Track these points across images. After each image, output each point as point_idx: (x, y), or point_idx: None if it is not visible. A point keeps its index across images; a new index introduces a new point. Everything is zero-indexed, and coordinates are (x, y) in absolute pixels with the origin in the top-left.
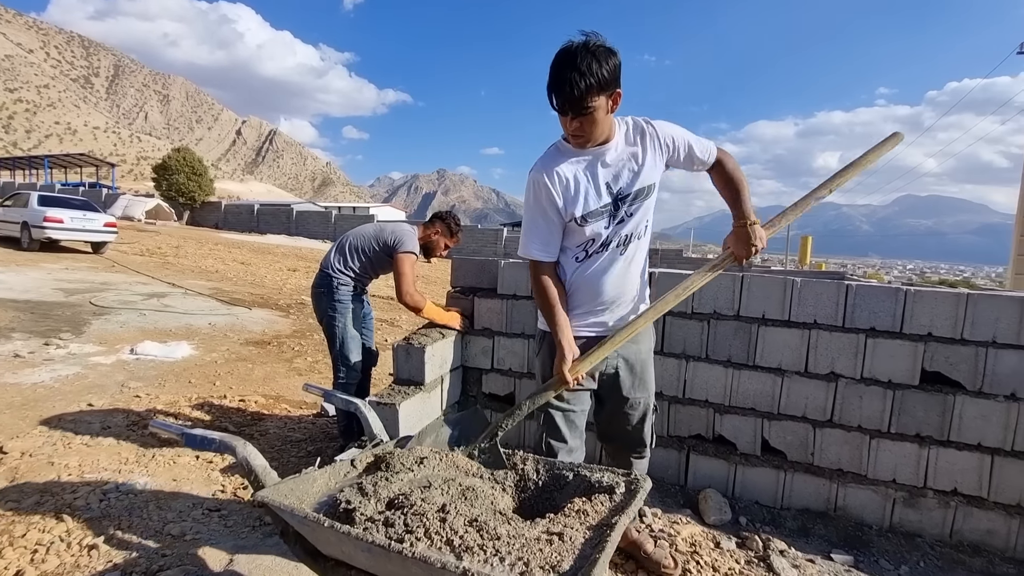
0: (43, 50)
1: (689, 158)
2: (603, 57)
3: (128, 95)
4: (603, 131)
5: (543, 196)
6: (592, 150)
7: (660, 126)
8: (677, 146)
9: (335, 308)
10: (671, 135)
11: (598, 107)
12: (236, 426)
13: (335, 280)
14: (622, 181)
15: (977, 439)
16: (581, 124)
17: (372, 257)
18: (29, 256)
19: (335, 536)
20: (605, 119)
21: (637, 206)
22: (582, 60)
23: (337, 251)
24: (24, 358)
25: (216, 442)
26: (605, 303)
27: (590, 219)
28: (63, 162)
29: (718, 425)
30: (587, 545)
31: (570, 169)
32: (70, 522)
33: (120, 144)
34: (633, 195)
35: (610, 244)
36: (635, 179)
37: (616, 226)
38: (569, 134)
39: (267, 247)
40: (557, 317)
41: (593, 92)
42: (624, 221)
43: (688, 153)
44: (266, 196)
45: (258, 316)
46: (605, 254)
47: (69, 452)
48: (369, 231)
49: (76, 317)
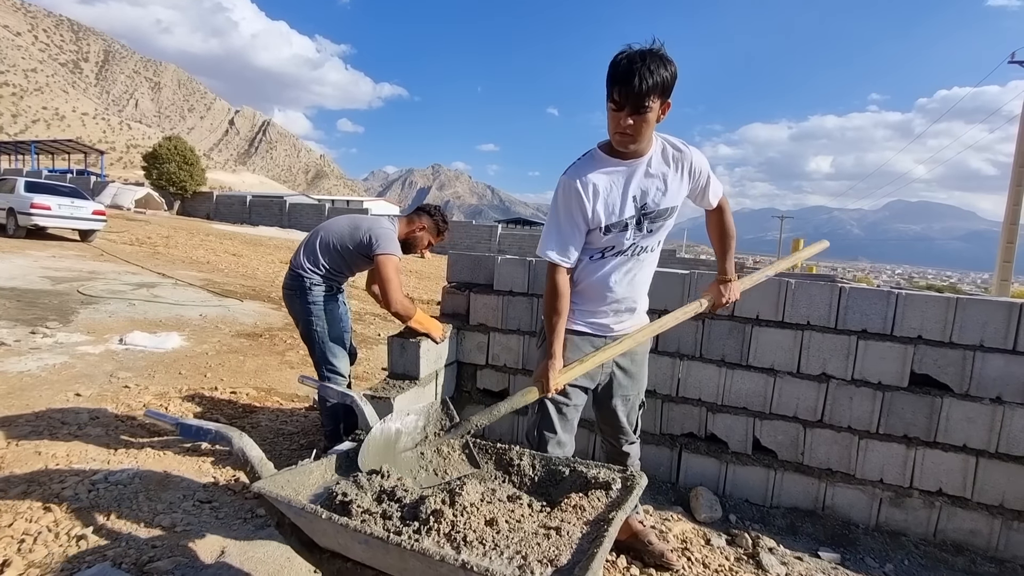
0: (31, 33)
1: (703, 193)
2: (667, 63)
3: (118, 81)
4: (647, 138)
5: (573, 202)
6: (627, 162)
7: (695, 154)
8: (701, 179)
9: (310, 311)
10: (700, 167)
11: (653, 109)
12: (228, 418)
13: (307, 280)
14: (649, 198)
15: (963, 441)
16: (635, 123)
17: (346, 256)
18: (15, 243)
19: (332, 528)
20: (652, 126)
21: (659, 224)
22: (651, 60)
23: (307, 249)
24: (10, 346)
25: (212, 433)
26: (609, 305)
27: (613, 229)
28: (51, 148)
29: (710, 424)
30: (584, 540)
31: (602, 179)
32: (58, 512)
33: (109, 131)
34: (657, 213)
35: (626, 251)
36: (662, 198)
37: (635, 238)
38: (619, 131)
39: (259, 239)
40: (557, 326)
41: (655, 93)
42: (645, 236)
43: (704, 188)
44: (259, 187)
45: (250, 308)
46: (618, 259)
47: (56, 442)
48: (343, 227)
49: (63, 306)
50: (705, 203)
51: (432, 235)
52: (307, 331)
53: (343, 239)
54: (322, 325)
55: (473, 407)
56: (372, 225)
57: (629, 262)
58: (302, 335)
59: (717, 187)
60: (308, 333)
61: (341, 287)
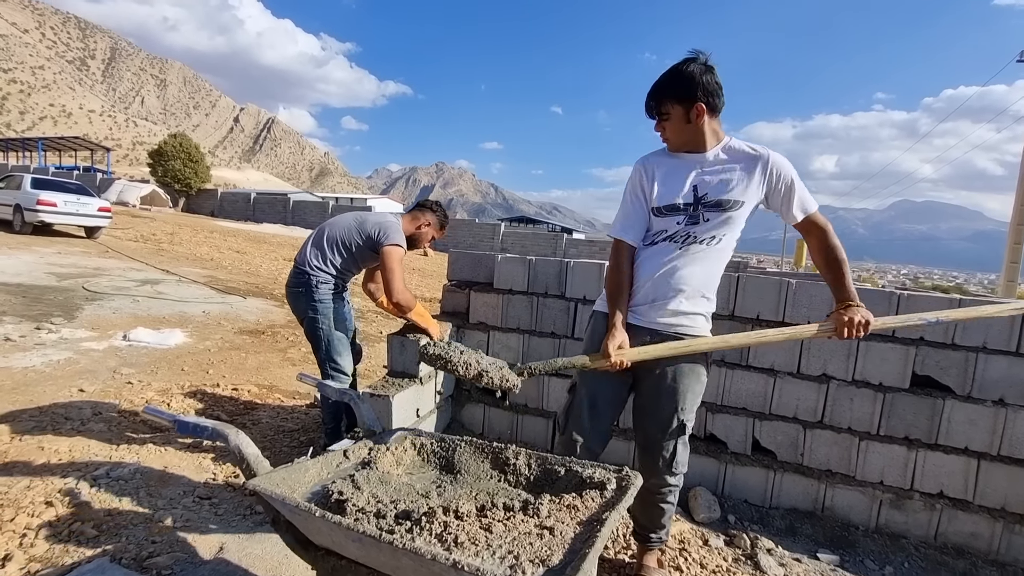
0: (38, 30)
1: (786, 202)
2: (687, 71)
3: (125, 79)
4: (686, 138)
5: (636, 180)
6: (689, 155)
7: (775, 158)
8: (780, 184)
9: (316, 309)
10: (781, 170)
11: (673, 114)
12: (229, 415)
13: (314, 278)
14: (709, 187)
15: (964, 443)
16: (663, 127)
17: (355, 251)
18: (21, 239)
19: (326, 526)
20: (687, 128)
21: (716, 215)
22: (667, 71)
23: (314, 246)
24: (15, 342)
25: (209, 429)
26: (646, 292)
27: (667, 212)
28: (57, 145)
29: (710, 424)
30: (577, 540)
31: (665, 163)
32: (60, 507)
33: (116, 128)
34: (715, 203)
35: (673, 238)
36: (723, 189)
37: (687, 225)
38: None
39: (263, 236)
40: (618, 302)
41: (665, 100)
42: (697, 223)
43: (787, 197)
44: (263, 185)
45: (252, 305)
46: (664, 245)
47: (59, 437)
48: (349, 222)
49: (68, 302)
50: (789, 216)
51: (436, 230)
52: (312, 329)
53: (351, 235)
54: (327, 323)
55: (472, 406)
56: (379, 219)
57: (677, 250)
58: (307, 333)
59: (805, 199)
60: (313, 331)
61: (346, 285)
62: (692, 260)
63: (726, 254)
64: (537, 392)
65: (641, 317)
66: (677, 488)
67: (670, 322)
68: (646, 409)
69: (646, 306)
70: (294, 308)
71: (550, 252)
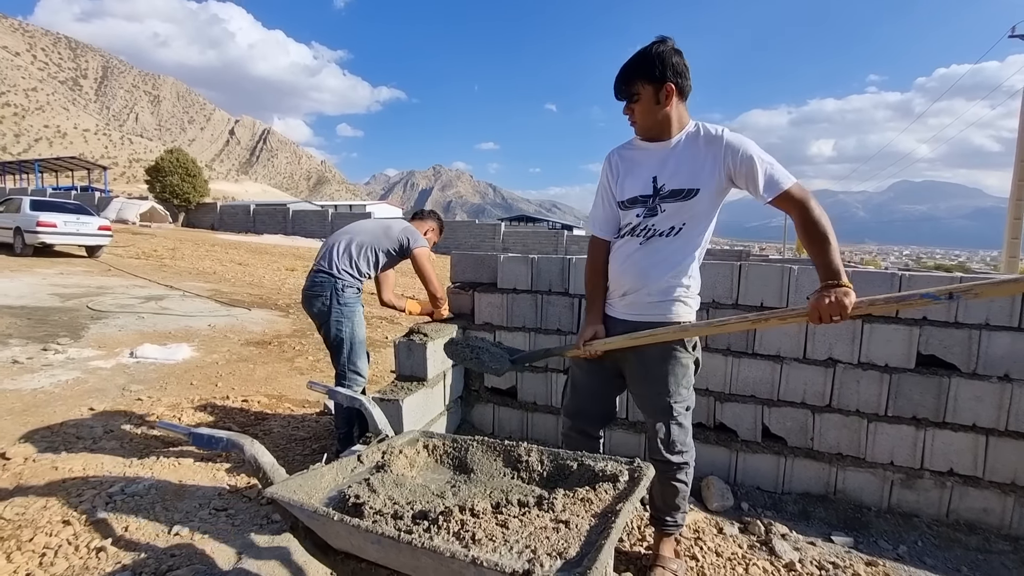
0: (30, 52)
1: (750, 179)
2: (656, 51)
3: (118, 96)
4: (654, 122)
5: (603, 176)
6: (654, 144)
7: (732, 137)
8: (739, 162)
9: (342, 312)
10: (736, 149)
11: (643, 95)
12: (240, 426)
13: (340, 282)
14: (666, 176)
15: (972, 420)
16: (632, 110)
17: (382, 257)
18: (23, 261)
19: (345, 529)
20: (655, 110)
21: (672, 204)
22: (637, 54)
23: (343, 250)
24: (23, 364)
25: (223, 441)
26: (616, 287)
27: (629, 204)
28: (54, 166)
29: (719, 413)
30: (593, 532)
31: (629, 156)
32: (77, 525)
33: (111, 146)
34: (671, 192)
35: (634, 232)
36: (679, 177)
37: (646, 218)
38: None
39: (264, 247)
40: (590, 296)
41: (636, 79)
42: (655, 214)
43: (748, 174)
44: (261, 196)
45: (258, 316)
46: (628, 240)
47: (72, 456)
48: (375, 229)
49: (73, 322)
50: (758, 195)
51: (436, 235)
52: (336, 333)
53: (380, 241)
54: (350, 327)
55: (482, 406)
56: (404, 226)
57: (634, 247)
58: (328, 337)
59: (774, 176)
60: (337, 335)
61: (361, 292)
62: (653, 252)
63: (694, 242)
64: (546, 389)
65: (615, 309)
66: (685, 466)
67: (639, 312)
68: (636, 396)
69: (617, 299)
70: (316, 312)
71: (551, 250)
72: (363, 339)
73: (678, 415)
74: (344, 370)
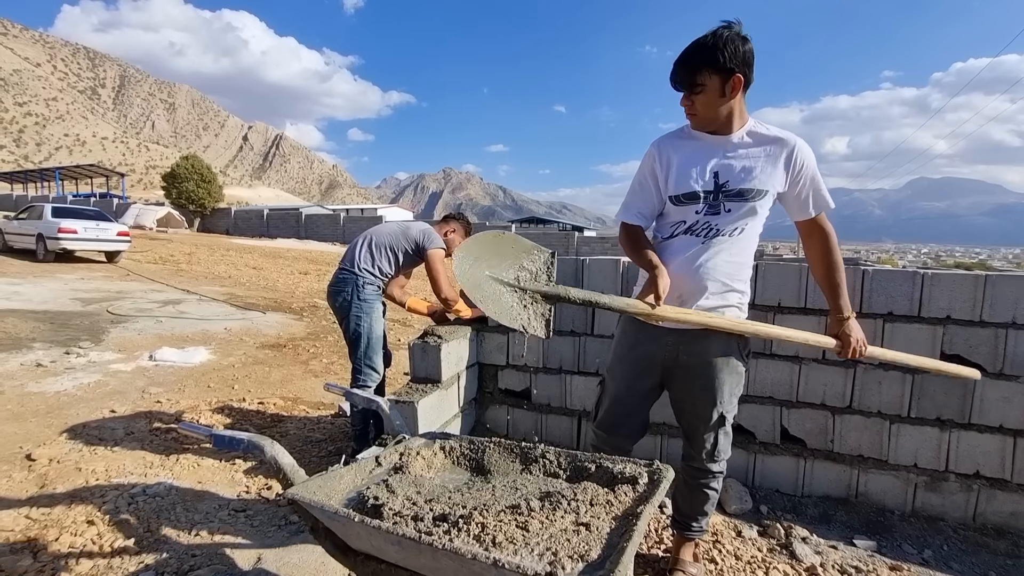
0: (50, 63)
1: (805, 194)
2: (722, 39)
3: (135, 104)
4: (717, 115)
5: (648, 164)
6: (712, 137)
7: (802, 146)
8: (803, 176)
9: (361, 308)
10: (806, 160)
11: (708, 86)
12: (257, 428)
13: (361, 279)
14: (731, 173)
15: (999, 421)
16: (692, 101)
17: (402, 256)
18: (45, 267)
19: (365, 530)
20: (719, 102)
21: (738, 204)
22: (700, 39)
23: (364, 249)
24: (46, 367)
25: (244, 442)
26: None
27: (685, 200)
28: (74, 173)
29: (736, 414)
30: (614, 535)
31: (682, 148)
32: (101, 525)
33: (128, 154)
34: (738, 192)
35: (694, 231)
36: (746, 177)
37: (708, 215)
38: (686, 112)
39: (278, 251)
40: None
41: (702, 68)
42: (718, 213)
43: (807, 189)
44: (274, 201)
45: (272, 320)
46: (685, 239)
47: (95, 457)
48: (395, 230)
49: (94, 326)
50: (803, 212)
51: (461, 236)
52: (355, 326)
53: (399, 241)
54: (369, 322)
55: (496, 408)
56: (422, 227)
57: (695, 245)
58: (348, 331)
59: (825, 197)
60: (356, 328)
61: (382, 290)
62: (717, 252)
63: (752, 243)
64: (560, 391)
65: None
66: (721, 475)
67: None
68: (683, 404)
69: (672, 304)
70: (339, 307)
71: (562, 251)
72: (380, 336)
73: (728, 424)
74: (360, 364)
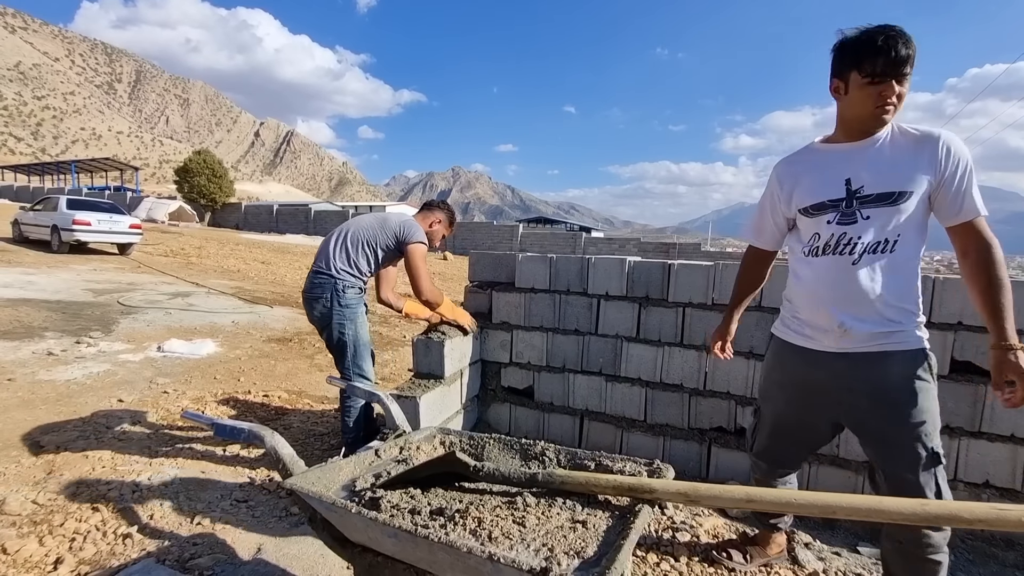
0: (68, 58)
1: (955, 194)
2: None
3: (149, 100)
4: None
5: (769, 185)
6: (847, 145)
7: (949, 139)
8: (952, 169)
9: (343, 314)
10: (954, 152)
11: (909, 77)
12: (261, 420)
13: (340, 282)
14: (866, 177)
15: (1010, 430)
16: (899, 92)
17: (381, 252)
18: (59, 258)
19: (362, 522)
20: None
21: (879, 209)
22: (897, 28)
23: (339, 246)
24: (57, 356)
25: (245, 432)
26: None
27: (815, 211)
28: (89, 167)
29: (740, 417)
30: (611, 532)
31: (807, 162)
32: (105, 512)
33: (143, 148)
34: (877, 196)
35: (835, 246)
36: (885, 177)
37: (843, 225)
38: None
39: (286, 246)
40: (732, 295)
41: (912, 61)
42: (852, 221)
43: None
44: (284, 197)
45: (279, 314)
46: (826, 258)
47: (102, 445)
48: (372, 223)
49: (105, 316)
50: (953, 215)
51: (446, 227)
52: (338, 336)
53: (377, 236)
54: (354, 329)
55: (498, 406)
56: (401, 219)
57: (836, 264)
58: (331, 340)
59: (976, 198)
60: (339, 338)
61: (365, 289)
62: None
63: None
64: (563, 390)
65: (816, 341)
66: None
67: (867, 343)
68: (878, 446)
69: (819, 330)
70: (316, 315)
71: (569, 251)
72: (367, 341)
73: (943, 463)
74: (349, 374)
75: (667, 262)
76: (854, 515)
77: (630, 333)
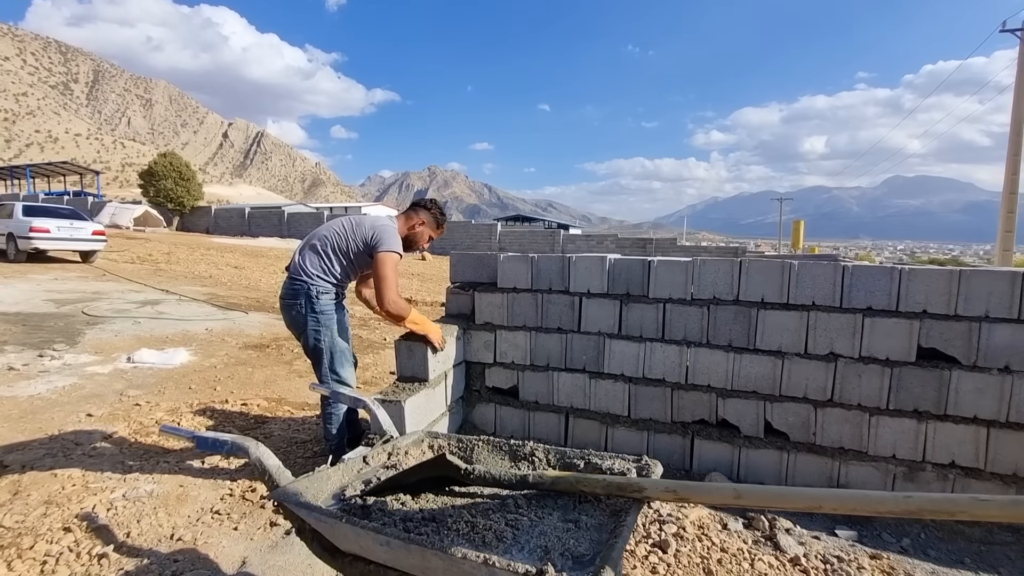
0: (19, 57)
1: None
2: None
3: (109, 100)
4: None
5: None
6: None
7: None
8: None
9: (318, 321)
10: None
11: None
12: (240, 430)
13: (314, 288)
14: None
15: (973, 412)
16: None
17: (354, 257)
18: (16, 268)
19: (353, 531)
20: None
21: None
22: None
23: (310, 253)
24: (19, 371)
25: (228, 444)
26: None
27: None
28: (46, 171)
29: (721, 409)
30: (603, 531)
31: None
32: (78, 532)
33: (103, 151)
34: None
35: None
36: None
37: None
38: None
39: (260, 250)
40: None
41: None
42: None
43: None
44: (256, 199)
45: (255, 320)
46: None
47: (71, 462)
48: (345, 226)
49: (69, 327)
50: None
51: (432, 229)
52: (314, 343)
53: (348, 240)
54: (330, 336)
55: (483, 406)
56: (375, 223)
57: None
58: (307, 347)
59: None
60: (315, 345)
61: (344, 293)
62: None
63: None
64: (547, 388)
65: None
66: None
67: None
68: None
69: None
70: (291, 321)
71: (548, 249)
72: (345, 347)
73: None
74: (327, 380)
75: (647, 259)
76: (840, 509)
77: (612, 330)
